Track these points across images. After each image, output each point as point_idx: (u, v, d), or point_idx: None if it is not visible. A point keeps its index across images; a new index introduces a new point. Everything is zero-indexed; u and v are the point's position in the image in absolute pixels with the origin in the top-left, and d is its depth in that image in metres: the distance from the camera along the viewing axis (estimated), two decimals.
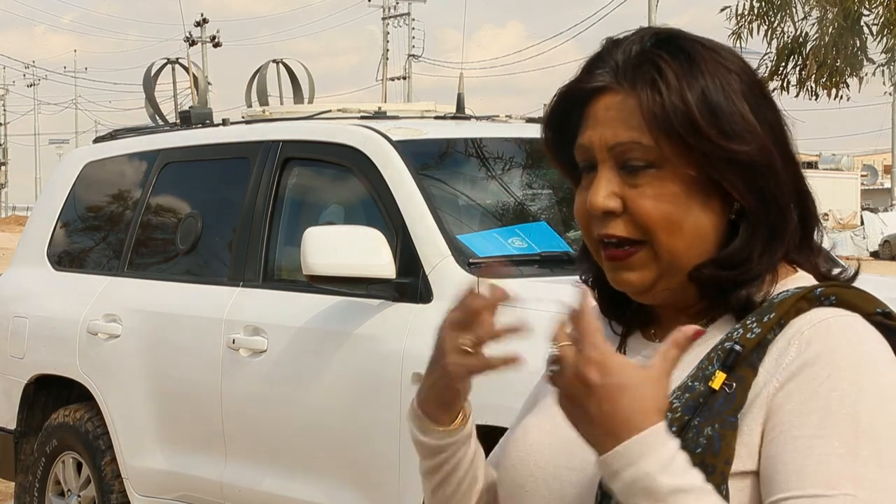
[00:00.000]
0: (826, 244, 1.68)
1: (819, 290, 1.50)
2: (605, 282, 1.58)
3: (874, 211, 49.54)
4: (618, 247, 1.51)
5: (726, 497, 1.40)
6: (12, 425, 6.36)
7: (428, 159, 5.24)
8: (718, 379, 1.44)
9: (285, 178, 5.42)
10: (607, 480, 1.36)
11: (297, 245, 4.86)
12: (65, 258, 6.52)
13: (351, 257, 4.63)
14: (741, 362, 1.45)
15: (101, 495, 5.84)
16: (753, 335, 1.46)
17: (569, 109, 1.56)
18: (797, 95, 12.51)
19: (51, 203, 6.71)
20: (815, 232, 1.58)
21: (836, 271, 1.60)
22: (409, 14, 66.29)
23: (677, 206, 1.49)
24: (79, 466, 6.05)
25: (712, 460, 1.41)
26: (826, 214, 48.91)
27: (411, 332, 4.56)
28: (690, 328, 1.38)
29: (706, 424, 1.42)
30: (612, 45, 1.54)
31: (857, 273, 1.61)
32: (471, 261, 4.65)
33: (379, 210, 4.94)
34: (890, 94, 14.11)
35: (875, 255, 42.17)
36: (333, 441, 4.81)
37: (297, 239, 4.92)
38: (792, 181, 1.53)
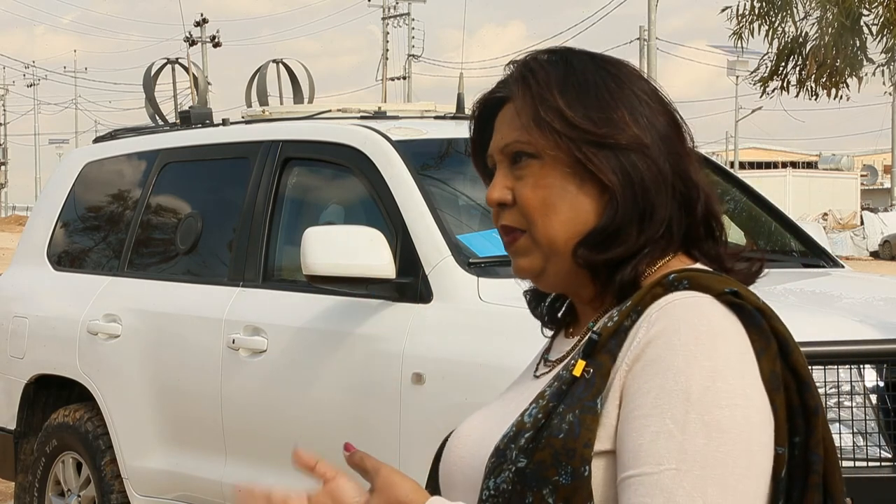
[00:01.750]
0: (826, 244, 1.73)
1: (672, 275, 1.57)
2: (534, 293, 1.75)
3: (874, 211, 49.54)
4: (510, 236, 1.66)
5: (587, 477, 1.49)
6: (12, 425, 6.36)
7: (428, 159, 5.24)
8: (579, 367, 1.54)
9: (285, 178, 5.42)
10: None
11: (297, 245, 4.86)
12: (65, 258, 6.52)
13: (351, 257, 4.63)
14: (600, 349, 1.54)
15: (101, 495, 5.84)
16: (612, 322, 1.55)
17: (485, 123, 1.72)
18: (797, 95, 12.50)
19: (51, 203, 6.71)
20: (723, 226, 1.67)
21: (741, 266, 1.66)
22: (408, 14, 66.27)
23: (553, 191, 1.62)
24: (79, 466, 6.05)
25: (573, 444, 1.49)
26: (826, 214, 48.90)
27: (411, 332, 4.57)
28: (345, 450, 1.62)
29: (568, 410, 1.51)
30: (509, 63, 1.71)
31: (761, 268, 1.68)
32: (471, 261, 4.66)
33: (379, 210, 4.94)
34: (890, 94, 14.11)
35: (875, 255, 42.17)
36: (333, 441, 4.80)
37: (297, 239, 4.92)
38: (673, 167, 1.62)
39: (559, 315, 1.74)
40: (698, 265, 1.63)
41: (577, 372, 1.53)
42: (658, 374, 1.49)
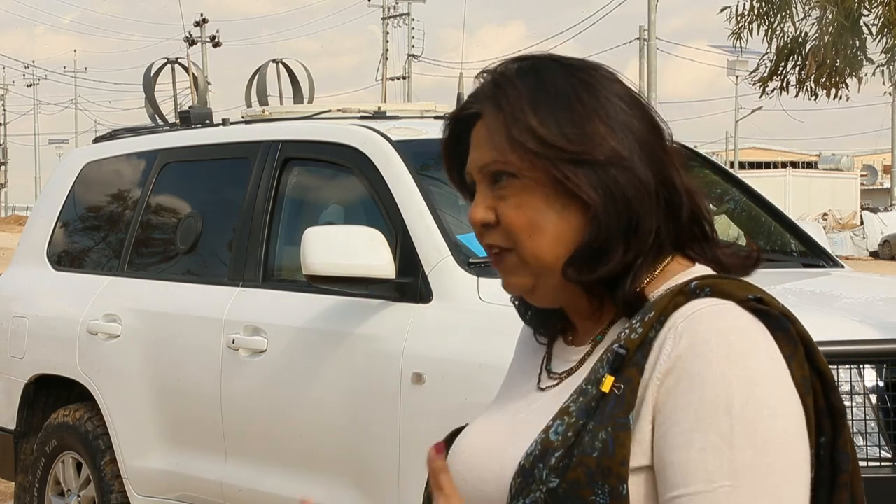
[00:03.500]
0: (826, 244, 1.73)
1: (694, 283, 1.55)
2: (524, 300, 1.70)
3: (874, 211, 49.53)
4: (496, 255, 1.63)
5: (626, 496, 1.46)
6: (12, 425, 6.36)
7: (428, 159, 5.24)
8: (607, 382, 1.50)
9: (285, 178, 5.42)
10: None
11: (297, 245, 4.86)
12: (65, 258, 6.52)
13: (351, 257, 4.63)
14: (627, 363, 1.50)
15: (101, 495, 5.84)
16: (636, 335, 1.52)
17: (460, 139, 1.67)
18: (797, 95, 12.50)
19: (51, 203, 6.71)
20: (713, 225, 1.64)
21: (735, 260, 1.64)
22: (408, 14, 66.27)
23: (537, 211, 1.58)
24: (79, 466, 6.05)
25: (608, 462, 1.46)
26: (826, 214, 48.89)
27: (411, 332, 4.56)
28: (432, 448, 1.50)
29: (600, 428, 1.48)
30: (479, 75, 1.67)
31: (758, 258, 1.66)
32: (470, 260, 4.66)
33: (379, 210, 4.94)
34: (890, 94, 14.11)
35: (875, 255, 42.17)
36: (333, 441, 4.81)
37: (297, 239, 4.92)
38: (655, 176, 1.58)
39: (551, 321, 1.71)
40: (699, 266, 1.61)
41: (606, 388, 1.49)
42: (695, 388, 1.46)
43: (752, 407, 1.45)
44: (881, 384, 4.00)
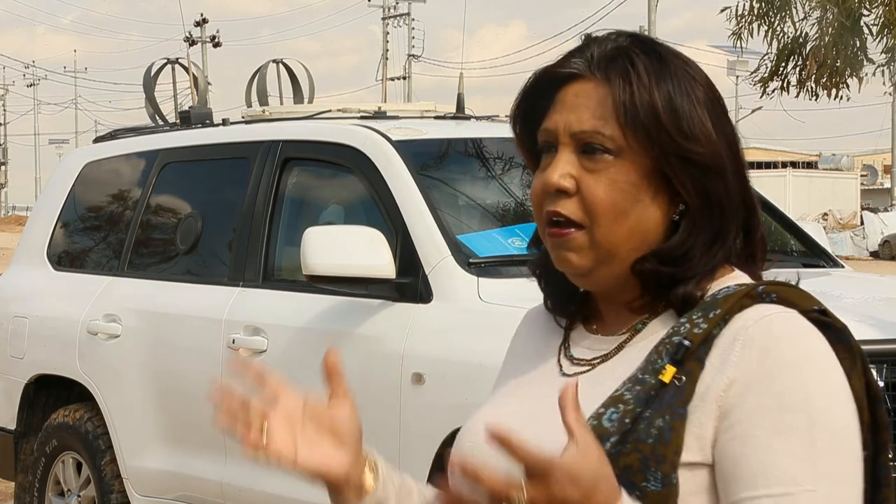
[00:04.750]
0: (826, 244, 1.73)
1: (761, 287, 1.55)
2: (552, 274, 1.64)
3: (874, 211, 49.50)
4: (560, 225, 1.56)
5: (676, 485, 1.46)
6: (12, 425, 6.36)
7: (428, 159, 5.24)
8: (669, 372, 1.49)
9: (285, 178, 5.42)
10: None
11: (297, 245, 4.86)
12: (65, 258, 6.51)
13: (351, 257, 4.63)
14: (689, 356, 1.50)
15: (101, 495, 5.84)
16: (700, 330, 1.51)
17: (540, 94, 1.61)
18: (797, 95, 12.50)
19: (51, 203, 6.71)
20: (759, 247, 1.64)
21: (770, 274, 1.65)
22: (409, 14, 66.27)
23: (627, 195, 1.54)
24: (79, 466, 6.05)
25: (663, 450, 1.46)
26: (826, 214, 48.88)
27: (411, 332, 4.56)
28: (572, 383, 1.40)
29: (657, 416, 1.47)
30: (590, 39, 1.61)
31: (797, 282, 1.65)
32: (471, 261, 4.66)
33: (379, 210, 4.94)
34: (890, 94, 14.11)
35: (875, 255, 42.14)
36: None
37: (297, 239, 4.92)
38: (740, 192, 1.58)
39: (567, 305, 1.68)
40: (738, 272, 1.61)
41: (667, 378, 1.49)
42: (773, 394, 1.47)
43: (831, 417, 1.47)
44: (881, 384, 4.00)
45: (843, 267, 5.52)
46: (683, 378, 1.49)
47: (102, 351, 5.88)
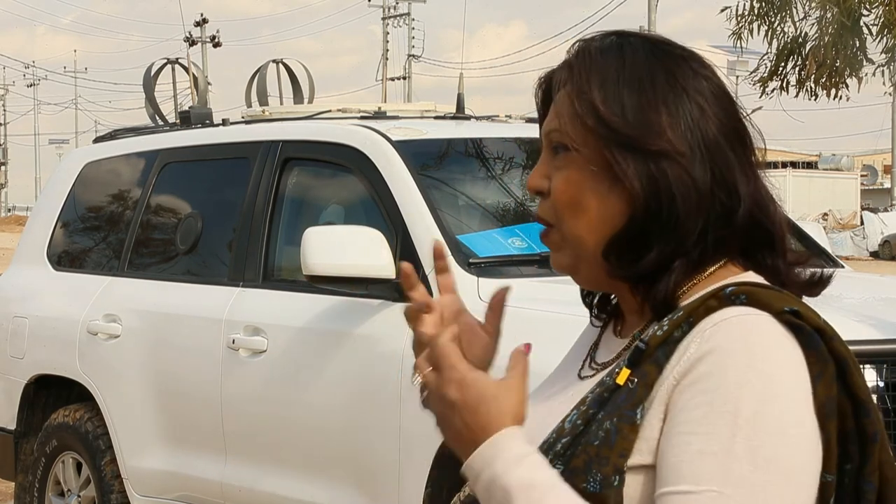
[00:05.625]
0: (826, 244, 1.69)
1: (730, 288, 1.50)
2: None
3: (874, 211, 49.49)
4: (544, 228, 1.62)
5: (617, 487, 1.45)
6: (12, 425, 6.36)
7: (428, 159, 5.24)
8: (623, 375, 1.49)
9: (285, 178, 5.42)
10: (471, 486, 1.45)
11: (297, 245, 4.86)
12: (65, 258, 6.52)
13: (351, 257, 4.63)
14: (646, 359, 1.48)
15: (101, 495, 5.84)
16: (661, 332, 1.49)
17: (545, 101, 1.65)
18: (797, 95, 12.50)
19: (51, 203, 6.71)
20: (783, 236, 1.61)
21: (802, 277, 1.61)
22: (409, 14, 66.28)
23: (581, 188, 1.55)
24: (79, 466, 6.05)
25: (607, 452, 1.45)
26: (826, 214, 48.89)
27: (411, 332, 4.56)
28: (521, 345, 1.48)
29: (607, 418, 1.47)
30: (576, 42, 1.64)
31: (824, 279, 1.63)
32: (471, 261, 4.66)
33: (379, 210, 4.94)
34: (890, 94, 14.11)
35: (875, 255, 42.14)
36: (333, 441, 4.81)
37: (297, 239, 4.92)
38: (723, 183, 1.53)
39: (608, 308, 1.68)
40: (750, 275, 1.57)
41: (621, 381, 1.48)
42: (706, 391, 1.43)
43: (761, 421, 1.41)
44: (881, 384, 4.00)
45: (843, 267, 5.52)
46: (636, 380, 1.47)
47: (102, 351, 5.88)
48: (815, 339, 1.47)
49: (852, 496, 1.48)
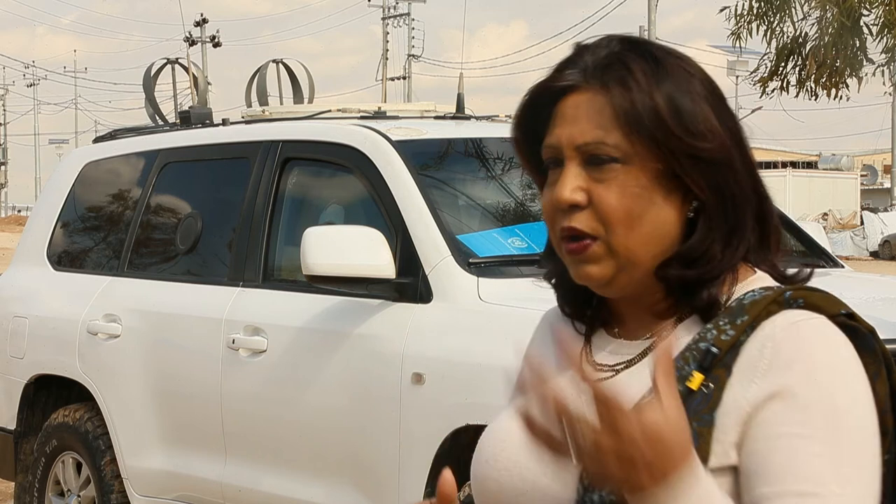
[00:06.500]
0: (826, 244, 1.72)
1: (788, 293, 1.54)
2: (568, 281, 1.62)
3: (874, 211, 49.50)
4: (577, 240, 1.55)
5: None
6: (12, 425, 6.36)
7: (428, 159, 5.24)
8: (696, 380, 1.49)
9: (285, 178, 5.42)
10: None
11: (297, 245, 4.86)
12: (65, 258, 6.51)
13: (351, 257, 4.63)
14: (717, 363, 1.50)
15: (101, 495, 5.84)
16: (728, 337, 1.51)
17: (538, 110, 1.61)
18: (797, 95, 12.52)
19: (51, 203, 6.71)
20: (773, 234, 1.62)
21: (791, 270, 1.63)
22: (409, 14, 66.27)
23: (639, 200, 1.53)
24: (79, 466, 6.05)
25: None
26: (826, 214, 48.87)
27: (411, 332, 4.56)
28: (667, 344, 1.38)
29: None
30: (581, 48, 1.59)
31: (811, 273, 1.64)
32: (471, 261, 4.66)
33: (379, 210, 4.94)
34: (890, 94, 14.12)
35: (875, 255, 42.14)
36: (333, 441, 4.81)
37: (297, 239, 4.92)
38: (750, 181, 1.57)
39: (583, 309, 1.67)
40: (760, 273, 1.60)
41: (695, 385, 1.49)
42: (800, 397, 1.47)
43: (856, 423, 1.47)
44: None
45: (843, 267, 5.52)
46: (711, 385, 1.49)
47: (102, 351, 5.88)
48: (870, 340, 1.55)
49: (892, 486, 1.57)
